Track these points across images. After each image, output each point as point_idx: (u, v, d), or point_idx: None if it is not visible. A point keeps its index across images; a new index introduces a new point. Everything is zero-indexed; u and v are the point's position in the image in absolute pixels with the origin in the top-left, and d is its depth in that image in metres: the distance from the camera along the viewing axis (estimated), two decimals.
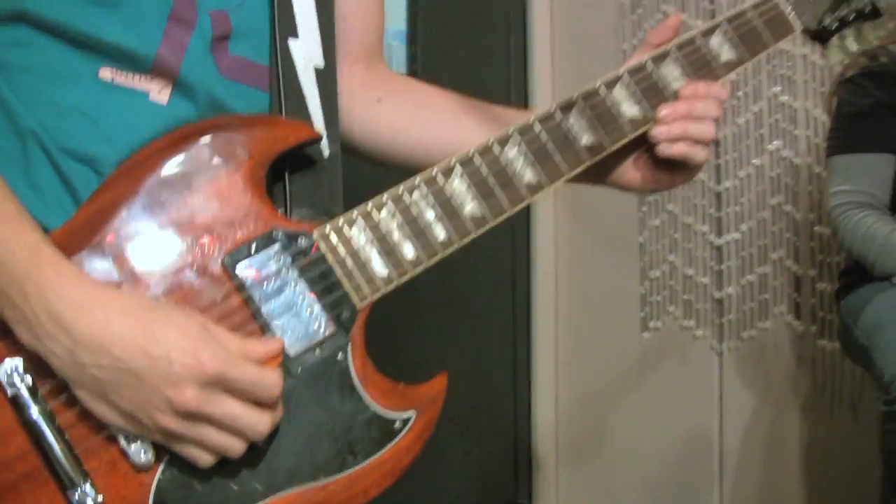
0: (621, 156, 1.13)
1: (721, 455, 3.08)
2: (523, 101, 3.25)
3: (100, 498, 0.86)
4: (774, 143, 2.98)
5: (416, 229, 0.99)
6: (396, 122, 1.22)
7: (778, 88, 2.89)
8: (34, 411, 0.85)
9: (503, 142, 1.04)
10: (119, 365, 0.83)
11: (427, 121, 1.22)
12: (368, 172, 1.20)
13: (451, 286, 2.72)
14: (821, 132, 2.84)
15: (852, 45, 1.20)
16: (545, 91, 3.33)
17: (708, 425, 3.10)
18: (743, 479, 3.06)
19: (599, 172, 1.14)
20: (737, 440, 3.07)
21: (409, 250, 0.98)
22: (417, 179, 1.00)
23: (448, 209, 1.00)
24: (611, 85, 1.09)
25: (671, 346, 3.19)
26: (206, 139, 0.95)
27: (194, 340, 0.85)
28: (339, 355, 0.95)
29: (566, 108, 1.07)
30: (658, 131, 1.09)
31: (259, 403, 0.88)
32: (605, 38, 3.25)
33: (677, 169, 1.14)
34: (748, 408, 3.07)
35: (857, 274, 2.31)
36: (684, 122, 1.09)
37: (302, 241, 0.95)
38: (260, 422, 0.87)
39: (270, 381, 0.88)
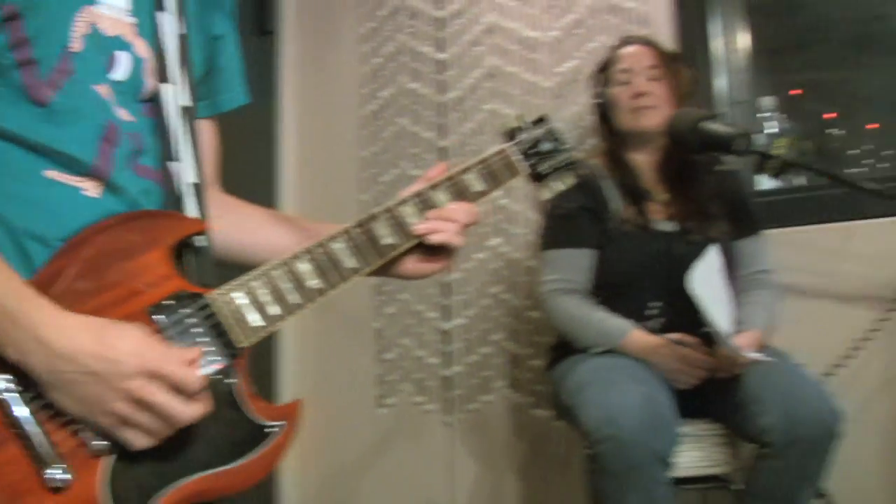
0: (407, 255, 1.47)
1: None
2: None
3: (67, 475, 1.11)
4: (495, 240, 3.26)
5: (278, 295, 1.31)
6: (230, 232, 1.53)
7: (499, 193, 3.14)
8: (20, 411, 1.10)
9: (332, 239, 1.38)
10: (84, 369, 1.11)
11: (252, 229, 1.56)
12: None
13: None
14: (534, 231, 3.09)
15: (558, 185, 1.62)
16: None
17: (441, 489, 3.33)
18: None
19: (391, 266, 1.47)
20: (466, 501, 3.31)
21: (274, 309, 1.30)
22: (276, 262, 1.32)
23: (298, 282, 1.33)
24: (403, 203, 1.44)
25: (405, 419, 3.44)
26: (133, 224, 1.25)
27: (139, 345, 1.13)
28: (228, 379, 1.25)
29: (373, 218, 1.42)
30: (420, 227, 1.44)
31: (186, 398, 1.15)
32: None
33: (439, 258, 1.49)
34: (475, 471, 3.31)
35: (562, 348, 2.62)
36: (442, 222, 1.44)
37: (200, 300, 1.25)
38: (185, 411, 1.14)
39: (194, 375, 1.16)
